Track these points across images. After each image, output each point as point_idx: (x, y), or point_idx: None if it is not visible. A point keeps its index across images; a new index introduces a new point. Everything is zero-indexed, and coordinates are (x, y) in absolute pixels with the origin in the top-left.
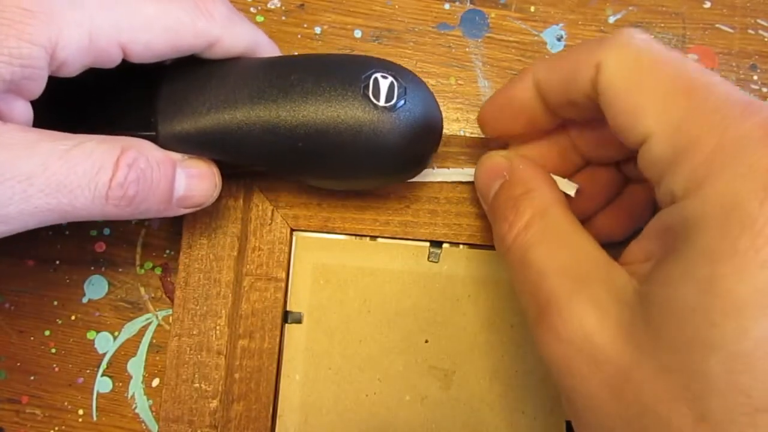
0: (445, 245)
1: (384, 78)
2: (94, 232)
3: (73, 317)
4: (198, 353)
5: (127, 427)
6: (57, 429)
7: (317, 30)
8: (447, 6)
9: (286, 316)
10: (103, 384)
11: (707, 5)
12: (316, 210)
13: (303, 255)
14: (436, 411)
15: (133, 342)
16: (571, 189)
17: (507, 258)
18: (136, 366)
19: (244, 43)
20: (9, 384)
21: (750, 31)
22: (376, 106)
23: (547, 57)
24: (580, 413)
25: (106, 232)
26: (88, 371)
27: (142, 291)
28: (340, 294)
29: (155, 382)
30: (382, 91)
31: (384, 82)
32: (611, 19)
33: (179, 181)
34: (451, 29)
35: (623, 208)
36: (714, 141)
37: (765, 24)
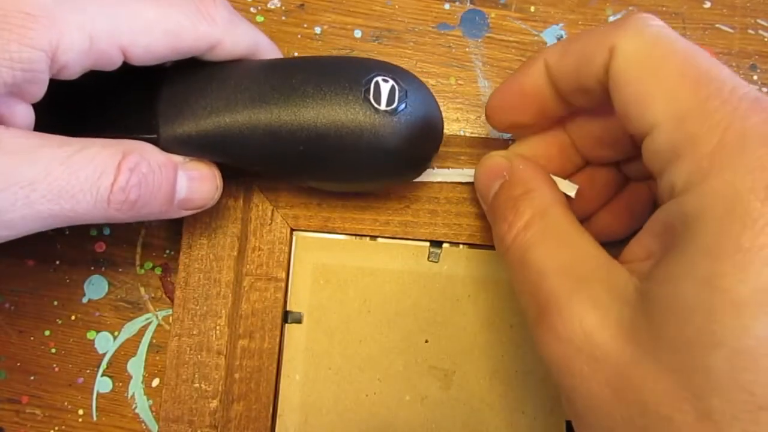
0: (445, 245)
1: (385, 81)
2: (94, 232)
3: (73, 317)
4: (198, 353)
5: (127, 427)
6: (57, 429)
7: (317, 30)
8: (447, 6)
9: (286, 316)
10: (103, 384)
11: (707, 5)
12: (316, 210)
13: (303, 255)
14: (436, 411)
15: (133, 342)
16: (571, 190)
17: (506, 258)
18: (136, 366)
19: (245, 46)
20: (9, 384)
21: (750, 31)
22: (377, 110)
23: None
24: (581, 413)
25: (106, 232)
26: (88, 371)
27: (142, 291)
28: (340, 294)
29: (155, 382)
30: (383, 95)
31: (385, 86)
32: (611, 19)
33: (181, 184)
34: (451, 29)
35: (623, 207)
36: (718, 135)
37: (765, 24)
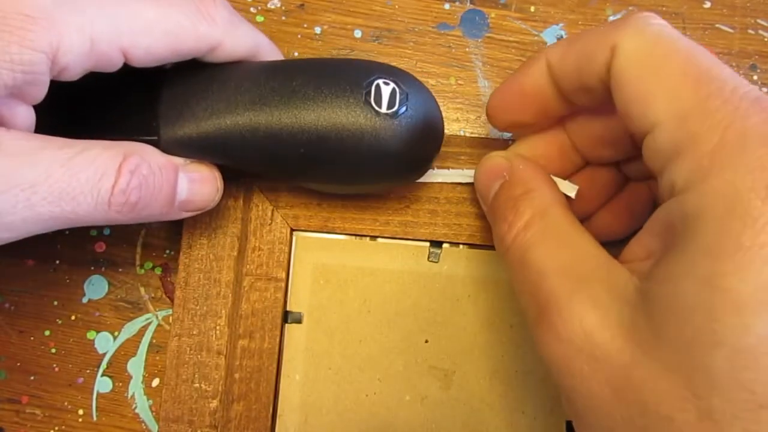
0: (445, 245)
1: (386, 84)
2: (94, 232)
3: (73, 317)
4: (198, 353)
5: (127, 427)
6: (57, 429)
7: (317, 30)
8: (447, 6)
9: (286, 316)
10: (103, 384)
11: (707, 5)
12: (316, 210)
13: (303, 255)
14: (436, 411)
15: (133, 342)
16: (571, 191)
17: (506, 258)
18: (136, 366)
19: (246, 47)
20: (9, 384)
21: (750, 31)
22: (377, 113)
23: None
24: (581, 413)
25: (106, 232)
26: (88, 371)
27: (142, 291)
28: (340, 294)
29: (155, 382)
30: (383, 98)
31: (386, 89)
32: (611, 19)
33: (181, 186)
34: (451, 29)
35: (623, 207)
36: (719, 135)
37: (765, 24)
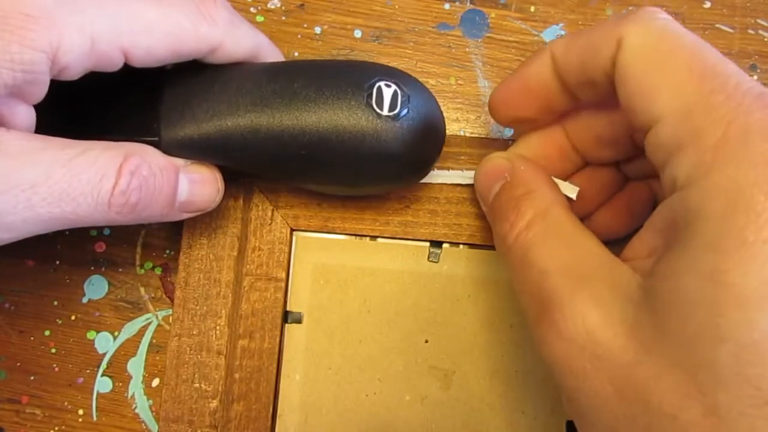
0: (445, 245)
1: (387, 86)
2: (94, 232)
3: (73, 317)
4: (198, 353)
5: (127, 427)
6: (57, 429)
7: (317, 30)
8: (447, 6)
9: (286, 316)
10: (103, 384)
11: (707, 5)
12: (316, 210)
13: (303, 255)
14: (436, 411)
15: (133, 342)
16: (572, 192)
17: (508, 258)
18: (136, 366)
19: (247, 48)
20: (9, 384)
21: (750, 31)
22: (379, 115)
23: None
24: (584, 412)
25: (106, 232)
26: (88, 371)
27: (142, 291)
28: (340, 294)
29: (155, 382)
30: (385, 100)
31: (387, 91)
32: None
33: (182, 187)
34: (451, 29)
35: (623, 206)
36: (722, 130)
37: (765, 24)
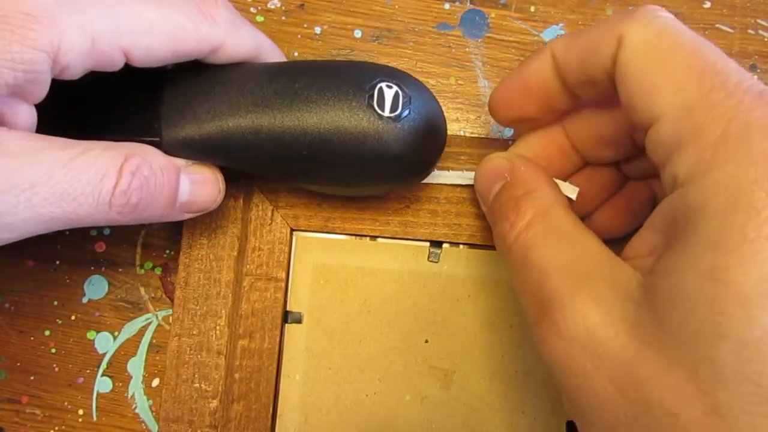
0: (445, 245)
1: (389, 87)
2: (94, 232)
3: (73, 317)
4: (198, 353)
5: (127, 427)
6: (57, 429)
7: (317, 30)
8: (447, 6)
9: (286, 316)
10: (103, 384)
11: (707, 5)
12: (316, 210)
13: (303, 255)
14: (436, 411)
15: (133, 342)
16: (572, 192)
17: (508, 258)
18: (136, 366)
19: (248, 49)
20: (9, 384)
21: (750, 31)
22: (380, 117)
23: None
24: (585, 411)
25: (106, 232)
26: (88, 371)
27: (142, 291)
28: (340, 294)
29: (155, 382)
30: (386, 101)
31: (389, 92)
32: None
33: (183, 187)
34: (451, 29)
35: (623, 205)
36: (722, 127)
37: (765, 24)
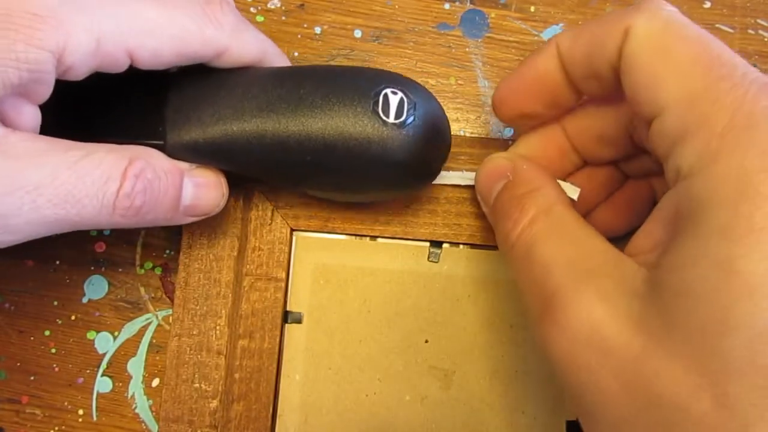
0: (445, 245)
1: (394, 94)
2: (94, 232)
3: (73, 317)
4: (198, 353)
5: (127, 427)
6: (57, 429)
7: (317, 30)
8: (447, 6)
9: (286, 316)
10: (103, 384)
11: (707, 5)
12: (316, 210)
13: (303, 255)
14: (436, 411)
15: (133, 342)
16: (574, 193)
17: (511, 255)
18: (136, 366)
19: (252, 53)
20: (9, 384)
21: (750, 31)
22: (385, 123)
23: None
24: (589, 409)
25: (106, 232)
26: (88, 371)
27: (142, 291)
28: (340, 294)
29: (155, 382)
30: (391, 108)
31: (394, 98)
32: None
33: (186, 191)
34: (451, 29)
35: (623, 203)
36: (728, 117)
37: (765, 24)
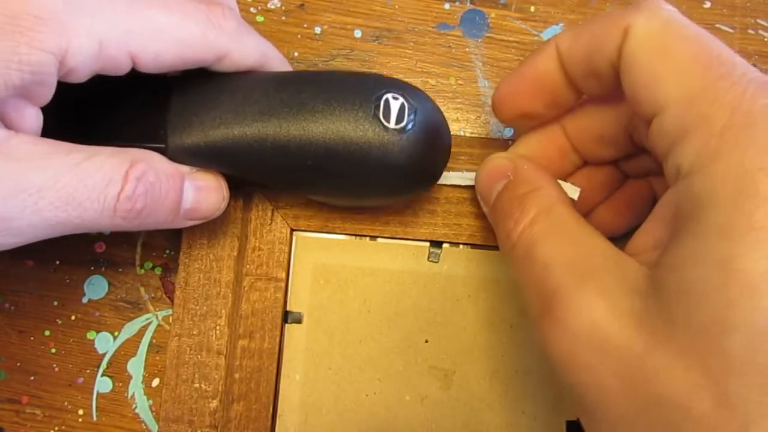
0: (445, 245)
1: (395, 99)
2: (94, 233)
3: (73, 317)
4: (198, 353)
5: (127, 427)
6: (57, 429)
7: (317, 30)
8: (447, 6)
9: (286, 316)
10: (103, 384)
11: (707, 5)
12: (316, 210)
13: (303, 255)
14: (436, 411)
15: (133, 342)
16: (574, 193)
17: (511, 254)
18: (136, 366)
19: (254, 58)
20: (9, 384)
21: (750, 31)
22: (386, 128)
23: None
24: (590, 408)
25: (106, 232)
26: (88, 371)
27: (142, 291)
28: (340, 294)
29: (155, 382)
30: (392, 113)
31: (395, 104)
32: None
33: (187, 194)
34: (451, 29)
35: (623, 203)
36: (727, 116)
37: (765, 24)
